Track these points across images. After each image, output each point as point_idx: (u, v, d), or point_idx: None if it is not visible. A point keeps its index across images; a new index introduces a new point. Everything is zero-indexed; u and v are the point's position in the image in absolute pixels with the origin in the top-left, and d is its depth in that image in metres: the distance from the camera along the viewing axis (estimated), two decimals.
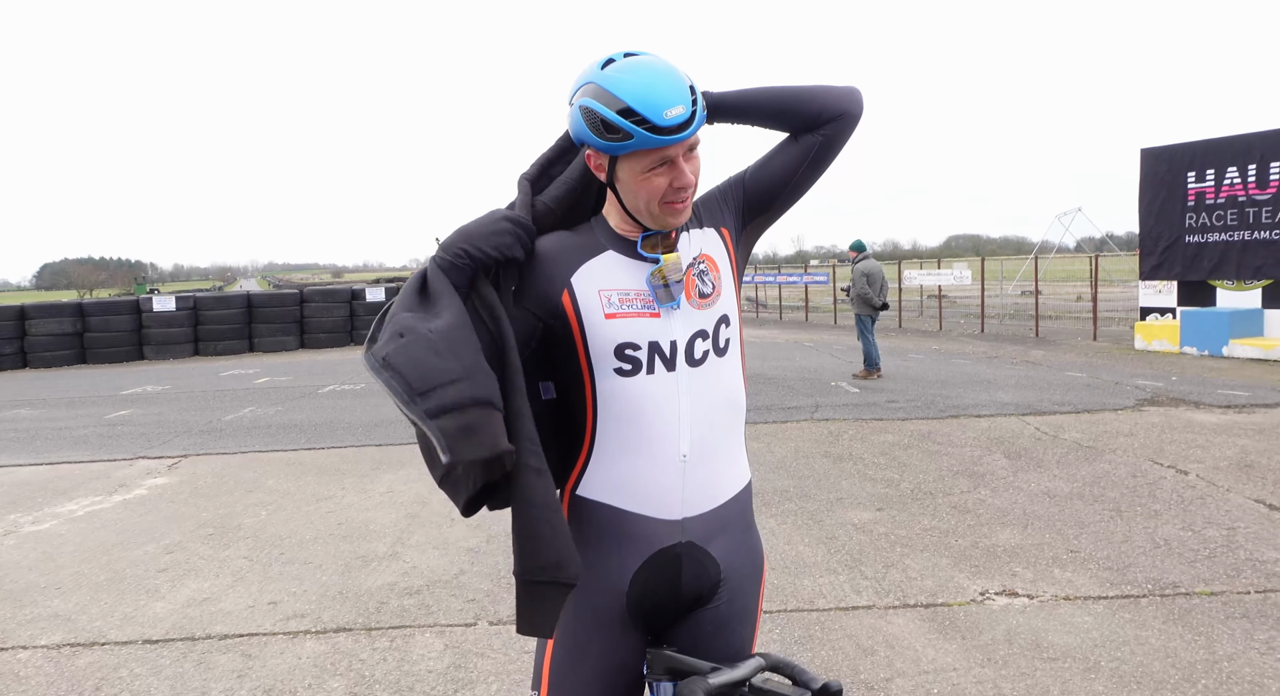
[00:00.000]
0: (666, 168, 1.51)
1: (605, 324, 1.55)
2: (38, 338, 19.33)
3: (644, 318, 1.56)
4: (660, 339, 1.56)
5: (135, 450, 8.67)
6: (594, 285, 1.58)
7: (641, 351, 1.55)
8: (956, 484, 6.29)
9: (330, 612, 4.27)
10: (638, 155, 1.49)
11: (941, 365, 13.67)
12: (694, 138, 1.52)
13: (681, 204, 1.55)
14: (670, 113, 1.45)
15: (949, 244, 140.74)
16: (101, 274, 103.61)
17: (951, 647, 3.65)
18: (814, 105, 1.65)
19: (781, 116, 1.67)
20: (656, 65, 1.49)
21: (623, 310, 1.56)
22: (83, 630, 4.17)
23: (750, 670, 1.44)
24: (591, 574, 1.58)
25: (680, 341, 1.57)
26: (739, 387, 1.65)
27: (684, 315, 1.59)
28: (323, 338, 21.22)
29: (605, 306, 1.56)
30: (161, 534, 5.73)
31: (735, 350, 1.65)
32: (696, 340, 1.58)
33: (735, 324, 1.65)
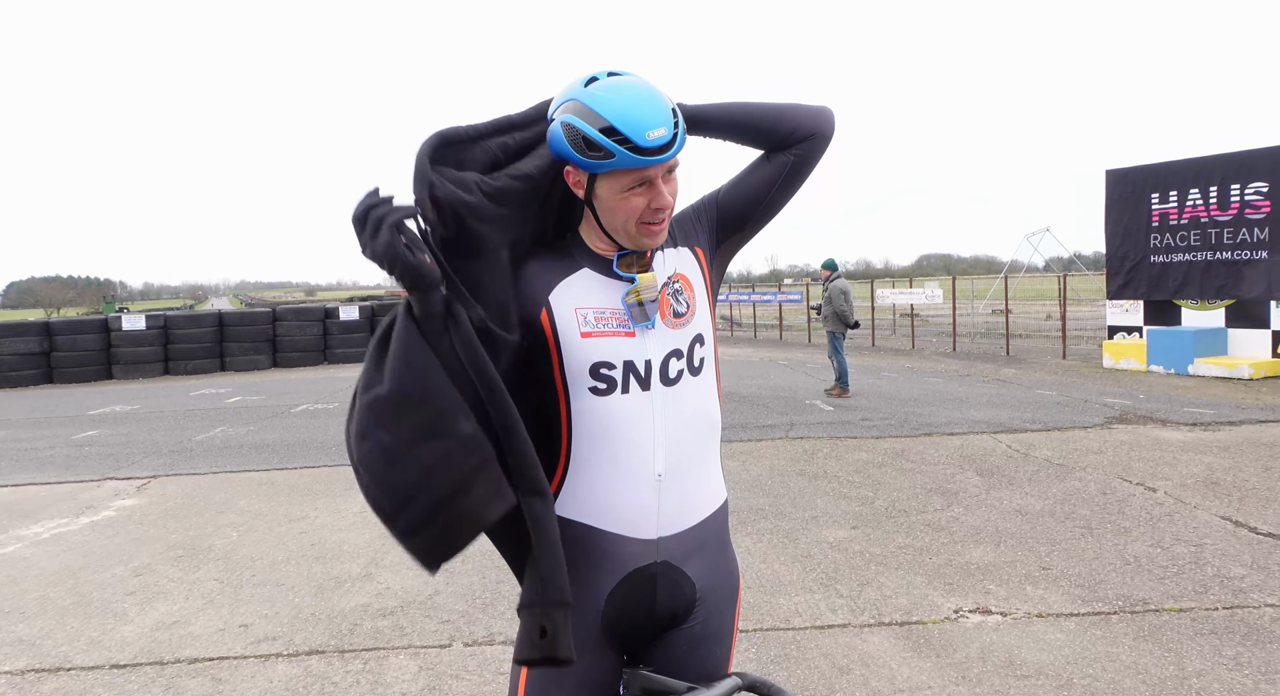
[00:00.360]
0: (645, 188, 1.52)
1: (581, 342, 1.55)
2: (2, 357, 18.99)
3: (619, 336, 1.56)
4: (635, 358, 1.56)
5: (103, 471, 8.53)
6: (571, 303, 1.58)
7: (616, 370, 1.56)
8: (930, 502, 6.34)
9: (303, 635, 4.22)
10: (617, 174, 1.50)
11: (914, 383, 13.80)
12: (674, 160, 1.53)
13: (658, 225, 1.56)
14: (653, 134, 1.46)
15: (920, 263, 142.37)
16: (69, 292, 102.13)
17: (926, 666, 3.67)
18: (786, 124, 1.68)
19: (753, 133, 1.70)
20: (639, 86, 1.50)
21: (598, 329, 1.56)
22: (48, 655, 4.08)
23: (726, 689, 1.45)
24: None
25: (655, 360, 1.57)
26: (714, 406, 1.66)
27: (659, 334, 1.59)
28: (296, 356, 21.04)
29: (581, 325, 1.56)
30: (130, 556, 5.63)
31: (710, 369, 1.66)
32: (671, 359, 1.58)
33: (710, 343, 1.66)
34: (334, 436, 9.98)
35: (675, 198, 1.58)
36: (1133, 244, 15.89)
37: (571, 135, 1.49)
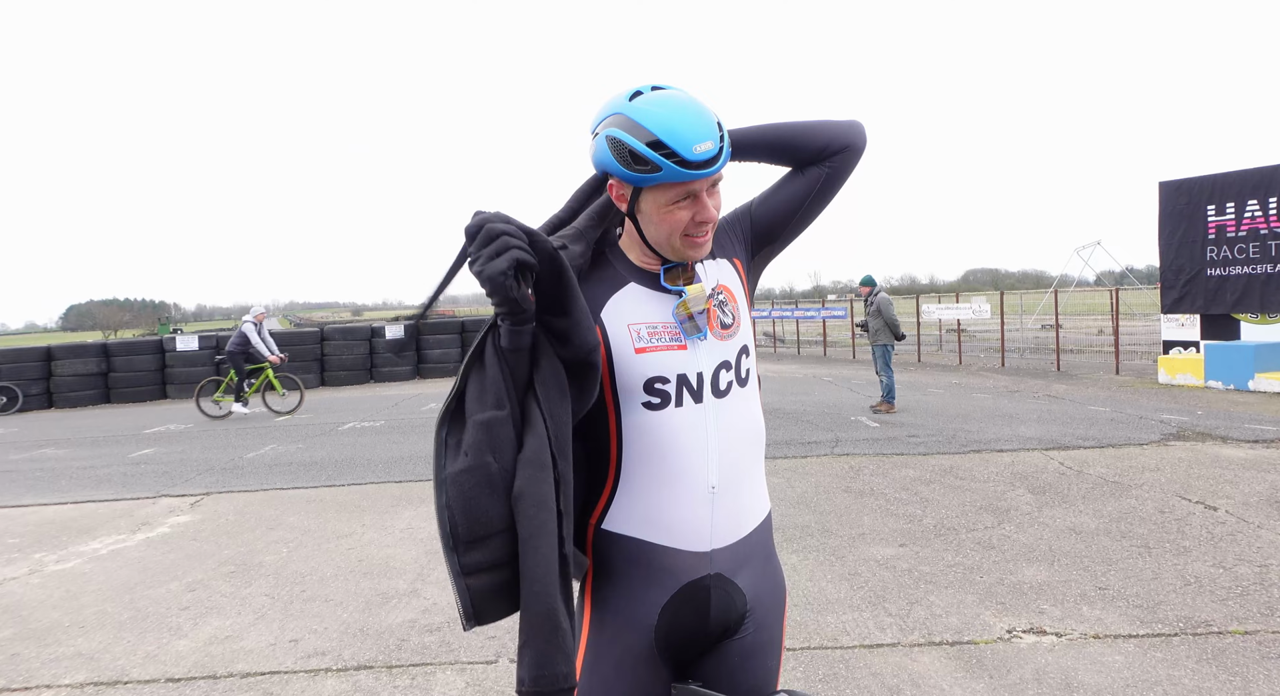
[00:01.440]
0: (690, 202, 1.52)
1: (635, 358, 1.55)
2: (63, 378, 19.59)
3: (672, 350, 1.57)
4: (688, 371, 1.57)
5: (158, 488, 8.73)
6: (623, 319, 1.58)
7: (670, 384, 1.56)
8: (980, 519, 6.22)
9: (351, 650, 4.26)
10: (663, 188, 1.50)
11: (962, 399, 13.57)
12: (718, 173, 1.53)
13: (703, 238, 1.57)
14: (700, 148, 1.46)
15: (967, 278, 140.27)
16: (126, 314, 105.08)
17: (979, 686, 3.59)
18: (818, 139, 1.69)
19: (786, 152, 1.71)
20: (685, 100, 1.50)
21: (652, 344, 1.56)
22: (106, 668, 4.17)
23: None
24: (619, 609, 1.57)
25: (706, 373, 1.58)
26: (759, 417, 1.67)
27: (709, 346, 1.60)
28: (343, 375, 21.36)
29: (635, 341, 1.56)
30: (184, 571, 5.75)
31: (754, 380, 1.66)
32: (721, 371, 1.59)
33: (753, 354, 1.68)
34: (380, 454, 10.10)
35: (719, 211, 1.58)
36: (1188, 256, 15.50)
37: (617, 149, 1.49)
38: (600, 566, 1.61)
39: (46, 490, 8.96)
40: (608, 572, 1.60)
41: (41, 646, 4.50)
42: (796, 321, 31.56)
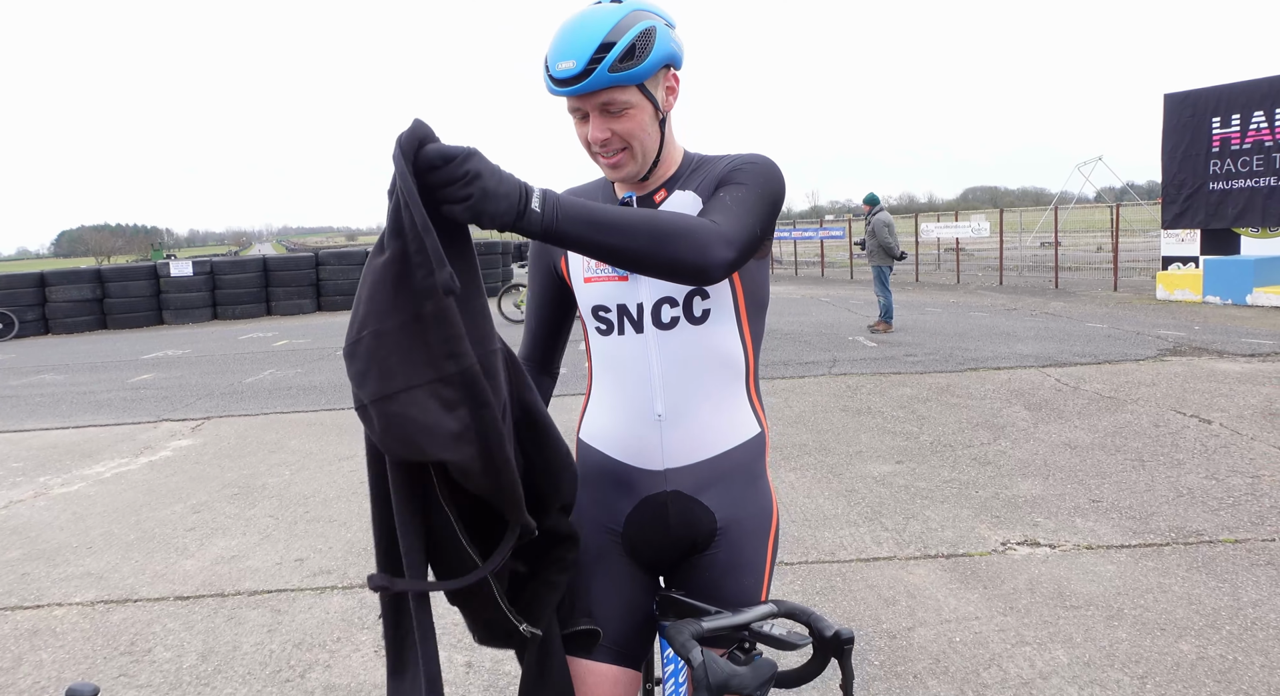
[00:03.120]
0: (582, 120, 1.53)
1: (585, 286, 1.64)
2: (58, 304, 19.52)
3: (613, 281, 1.60)
4: (627, 302, 1.60)
5: (159, 413, 8.77)
6: None
7: (612, 313, 1.62)
8: (976, 436, 6.27)
9: (356, 569, 4.33)
10: (565, 100, 1.52)
11: (959, 318, 13.58)
12: (608, 97, 1.46)
13: (608, 159, 1.54)
14: (561, 65, 1.45)
15: (966, 197, 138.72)
16: (118, 240, 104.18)
17: (973, 597, 3.66)
18: (656, 276, 1.42)
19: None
20: (577, 18, 1.47)
21: (598, 274, 1.62)
22: (115, 587, 4.25)
23: (758, 614, 1.43)
24: (594, 513, 1.67)
25: (646, 304, 1.59)
26: (731, 354, 1.62)
27: (649, 280, 1.58)
28: (339, 300, 21.26)
29: (584, 270, 1.63)
30: (188, 494, 5.81)
31: (723, 319, 1.60)
32: (663, 305, 1.58)
33: (723, 296, 1.59)
34: None
35: (632, 137, 1.51)
36: (1190, 170, 15.29)
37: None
38: (581, 471, 1.67)
39: (48, 415, 9.00)
40: (585, 479, 1.67)
41: (51, 566, 4.57)
42: (794, 242, 31.34)
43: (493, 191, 1.21)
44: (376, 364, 1.18)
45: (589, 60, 1.44)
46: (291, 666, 3.37)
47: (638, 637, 1.68)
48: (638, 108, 1.52)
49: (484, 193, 1.20)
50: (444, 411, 1.19)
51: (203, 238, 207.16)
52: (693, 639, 1.28)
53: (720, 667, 1.25)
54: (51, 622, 3.88)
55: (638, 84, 1.50)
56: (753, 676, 1.27)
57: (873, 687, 2.99)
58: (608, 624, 1.63)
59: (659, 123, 1.55)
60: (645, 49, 1.49)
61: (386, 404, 1.18)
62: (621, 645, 1.65)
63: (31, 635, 3.77)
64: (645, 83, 1.51)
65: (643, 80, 1.50)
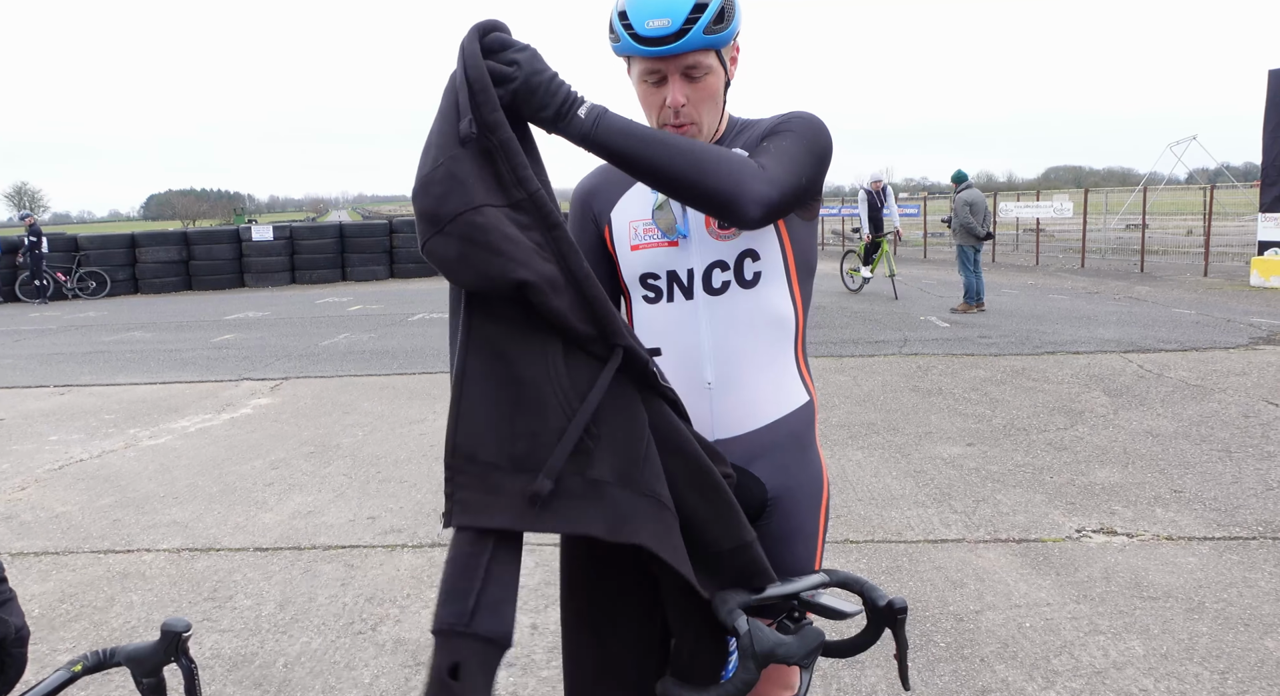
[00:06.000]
0: (659, 84, 1.49)
1: (632, 255, 1.62)
2: (147, 264, 20.29)
3: (663, 247, 1.58)
4: (678, 268, 1.58)
5: (240, 372, 9.08)
6: (626, 216, 1.63)
7: (661, 280, 1.59)
8: (1052, 420, 6.10)
9: (425, 529, 4.44)
10: (635, 63, 1.49)
11: (1038, 300, 13.18)
12: (692, 61, 1.45)
13: (677, 127, 1.50)
14: (653, 23, 1.41)
15: (1048, 175, 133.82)
16: (203, 204, 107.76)
17: (1045, 583, 3.58)
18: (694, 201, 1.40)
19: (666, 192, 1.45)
20: None
21: (646, 241, 1.60)
22: (199, 536, 4.44)
23: (811, 584, 1.40)
24: None
25: (697, 270, 1.57)
26: (782, 317, 1.59)
27: (700, 244, 1.57)
28: (411, 267, 21.64)
29: (632, 237, 1.61)
30: (267, 450, 6.02)
31: (774, 282, 1.58)
32: (715, 270, 1.56)
33: (774, 257, 1.57)
34: (448, 344, 10.29)
35: (704, 105, 1.50)
36: None
37: (608, 21, 1.51)
38: None
39: (137, 370, 9.40)
40: None
41: (140, 513, 4.80)
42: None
43: (533, 85, 1.23)
44: (457, 184, 1.19)
45: (684, 20, 1.42)
46: (364, 619, 3.48)
47: None
48: (714, 74, 1.50)
49: (525, 83, 1.22)
50: (520, 231, 1.20)
51: (282, 203, 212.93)
52: (738, 608, 1.27)
53: (766, 636, 1.22)
54: (140, 566, 4.08)
55: (719, 49, 1.48)
56: (799, 645, 1.24)
57: (938, 669, 2.96)
58: None
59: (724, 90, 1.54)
60: (731, 14, 1.48)
61: (473, 215, 1.18)
62: None
63: (122, 577, 3.97)
64: (721, 50, 1.49)
65: (725, 45, 1.49)
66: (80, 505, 4.98)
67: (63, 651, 3.27)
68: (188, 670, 1.34)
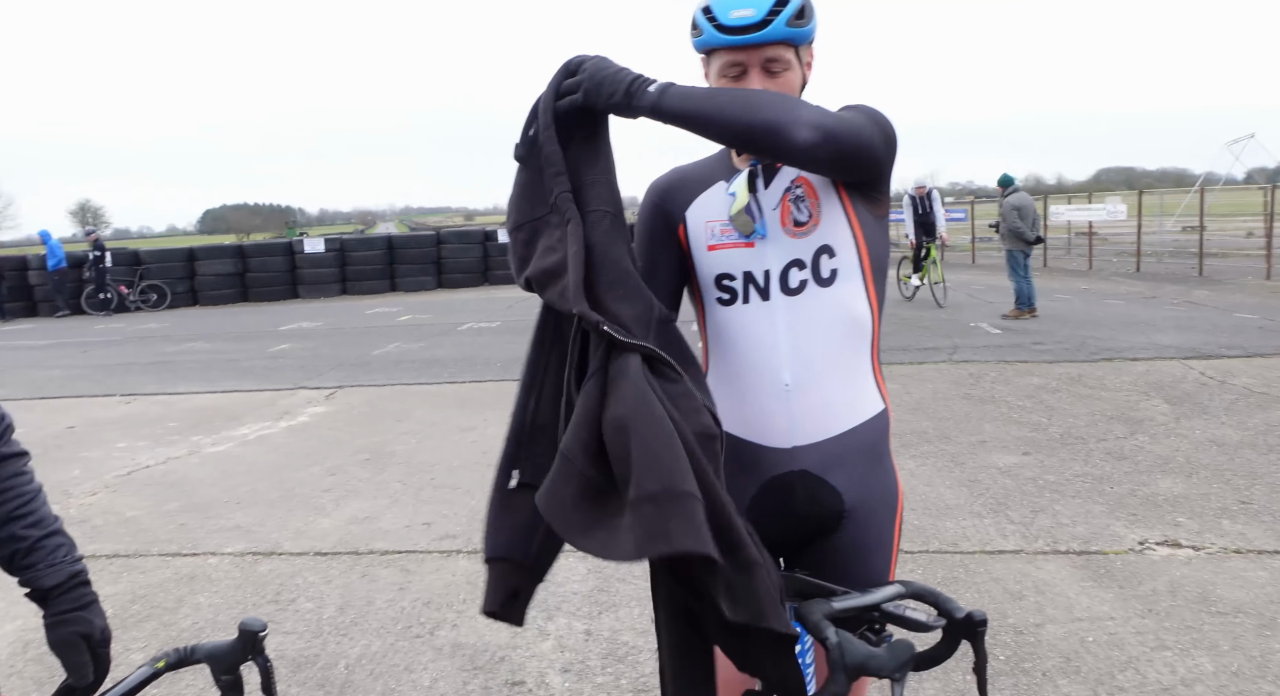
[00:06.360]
0: (740, 77, 1.50)
1: (707, 255, 1.60)
2: (205, 277, 20.82)
3: (739, 247, 1.57)
4: (754, 269, 1.57)
5: (296, 381, 9.29)
6: (702, 217, 1.62)
7: (737, 281, 1.58)
8: (1111, 429, 5.97)
9: (480, 534, 4.47)
10: (715, 57, 1.52)
11: (1092, 306, 12.90)
12: (773, 53, 1.48)
13: None
14: (736, 13, 1.45)
15: (1099, 177, 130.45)
16: (256, 218, 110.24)
17: (1108, 596, 3.51)
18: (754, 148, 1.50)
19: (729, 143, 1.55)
20: None
21: (722, 241, 1.59)
22: (261, 541, 4.55)
23: (887, 595, 1.40)
24: None
25: (774, 270, 1.56)
26: (859, 316, 1.58)
27: (777, 244, 1.56)
28: (459, 277, 21.91)
29: (708, 238, 1.60)
30: (324, 457, 6.15)
31: (849, 279, 1.57)
32: (792, 269, 1.55)
33: (845, 253, 1.56)
34: (497, 354, 10.42)
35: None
36: None
37: (691, 20, 1.54)
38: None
39: (198, 379, 9.67)
40: None
41: (205, 518, 4.94)
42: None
43: (600, 78, 1.39)
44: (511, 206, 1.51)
45: (768, 11, 1.45)
46: (421, 623, 3.54)
47: None
48: (793, 71, 1.52)
49: (591, 79, 1.39)
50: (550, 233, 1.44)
51: (331, 217, 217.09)
52: (825, 618, 1.26)
53: (857, 648, 1.20)
54: (206, 570, 4.20)
55: (797, 46, 1.51)
56: (890, 658, 1.21)
57: (999, 682, 2.92)
58: None
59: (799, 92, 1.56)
60: (810, 14, 1.51)
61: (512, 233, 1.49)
62: None
63: (190, 580, 4.08)
64: (800, 48, 1.52)
65: (804, 43, 1.52)
66: (148, 510, 5.14)
67: (135, 650, 3.38)
68: (264, 668, 1.39)
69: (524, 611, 1.49)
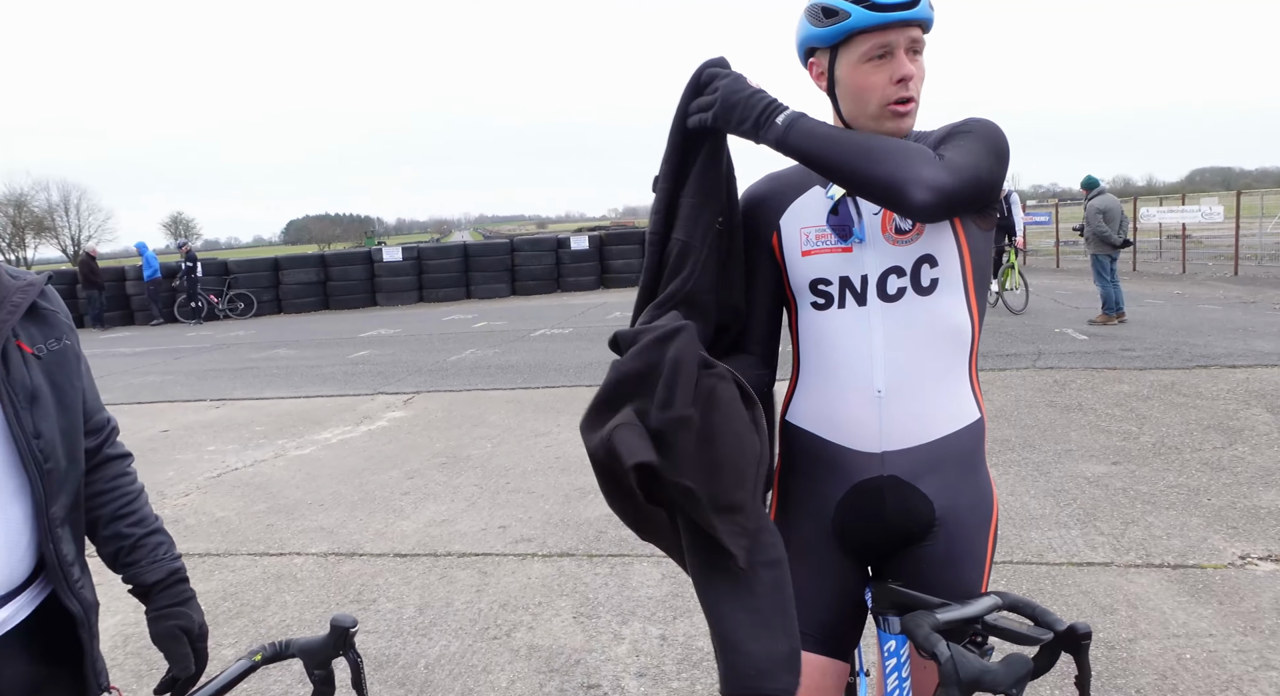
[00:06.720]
0: (886, 59, 1.45)
1: (802, 261, 1.59)
2: (289, 286, 21.56)
3: (836, 253, 1.56)
4: (851, 274, 1.54)
5: (375, 386, 9.53)
6: (797, 222, 1.60)
7: (833, 286, 1.56)
8: (1207, 439, 5.70)
9: (554, 538, 4.53)
10: (856, 44, 1.46)
11: (1186, 311, 12.36)
12: (917, 33, 1.46)
13: (904, 107, 1.47)
14: None
15: (1192, 178, 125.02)
16: (337, 228, 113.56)
17: (1206, 612, 3.35)
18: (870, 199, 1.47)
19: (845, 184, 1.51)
20: None
21: (818, 247, 1.57)
22: (343, 542, 4.67)
23: (984, 608, 1.36)
24: (799, 500, 1.64)
25: (871, 276, 1.53)
26: (958, 326, 1.54)
27: (876, 250, 1.53)
28: (532, 284, 22.20)
29: (803, 244, 1.59)
30: (402, 461, 6.29)
31: (951, 290, 1.54)
32: (890, 276, 1.52)
33: (952, 264, 1.53)
34: (570, 360, 10.51)
35: (920, 83, 1.49)
36: None
37: (811, 10, 1.50)
38: (785, 457, 1.67)
39: (283, 385, 10.00)
40: (791, 464, 1.66)
41: (290, 519, 5.09)
42: None
43: (733, 102, 1.44)
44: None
45: None
46: (498, 625, 3.59)
47: (847, 629, 1.64)
48: (922, 57, 1.51)
49: (722, 104, 1.45)
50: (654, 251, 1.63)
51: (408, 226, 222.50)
52: (934, 631, 1.23)
53: (971, 663, 1.16)
54: (292, 569, 4.33)
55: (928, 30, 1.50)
56: (1006, 672, 1.17)
57: None
58: (816, 614, 1.59)
59: None
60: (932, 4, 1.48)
61: None
62: (831, 636, 1.61)
63: (276, 579, 4.22)
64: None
65: (931, 28, 1.50)
66: (237, 511, 5.33)
67: (226, 646, 3.51)
68: (355, 663, 1.43)
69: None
